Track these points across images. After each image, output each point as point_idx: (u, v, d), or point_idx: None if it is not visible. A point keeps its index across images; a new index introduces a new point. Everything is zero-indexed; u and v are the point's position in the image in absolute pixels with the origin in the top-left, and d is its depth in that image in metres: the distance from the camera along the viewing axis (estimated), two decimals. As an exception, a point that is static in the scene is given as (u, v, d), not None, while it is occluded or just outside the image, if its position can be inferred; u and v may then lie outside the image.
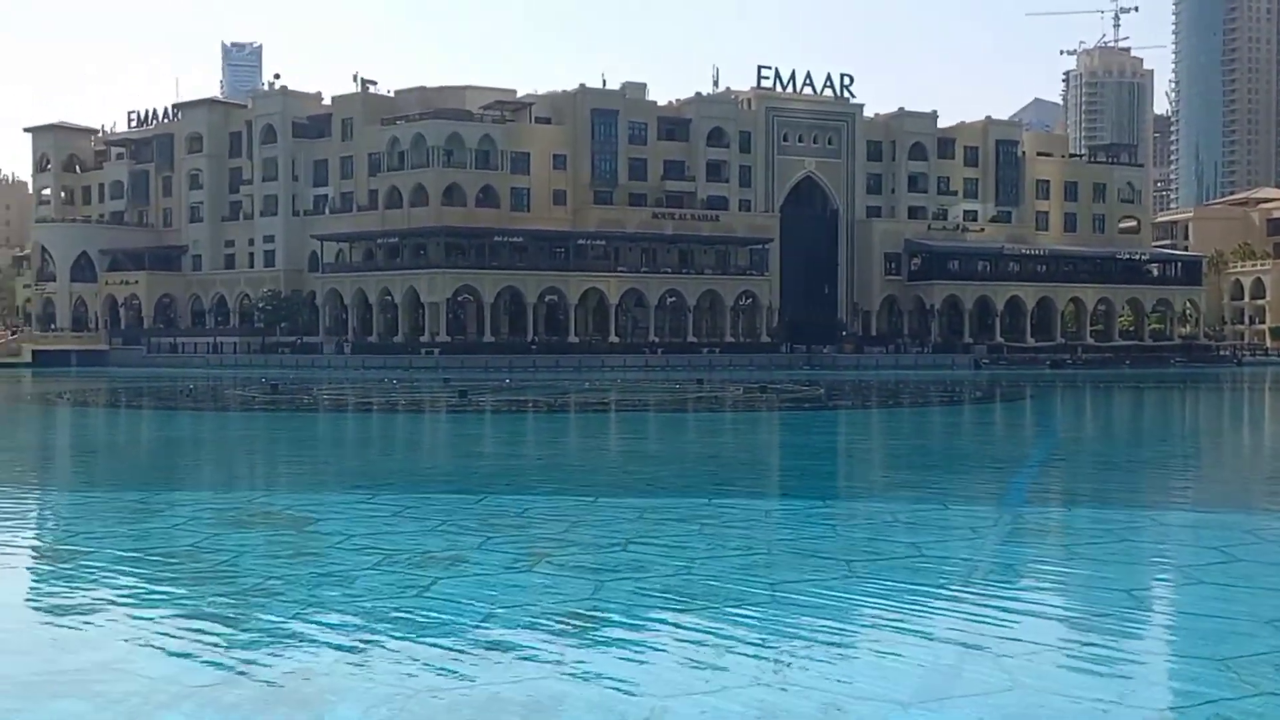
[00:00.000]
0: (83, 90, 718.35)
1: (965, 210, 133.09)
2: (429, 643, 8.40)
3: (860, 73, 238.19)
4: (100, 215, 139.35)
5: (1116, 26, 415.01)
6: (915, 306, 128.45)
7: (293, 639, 8.58)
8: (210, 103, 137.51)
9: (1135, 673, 7.83)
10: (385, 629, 8.78)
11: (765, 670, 7.73)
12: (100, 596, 10.12)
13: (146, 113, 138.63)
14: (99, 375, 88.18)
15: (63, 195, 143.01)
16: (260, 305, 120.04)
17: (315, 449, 28.70)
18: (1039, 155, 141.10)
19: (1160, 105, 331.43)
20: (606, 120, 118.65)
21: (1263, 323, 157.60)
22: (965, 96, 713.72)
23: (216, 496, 17.96)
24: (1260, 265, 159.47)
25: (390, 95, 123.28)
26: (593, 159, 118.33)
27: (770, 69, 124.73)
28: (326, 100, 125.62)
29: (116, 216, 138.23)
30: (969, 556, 12.08)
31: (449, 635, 8.61)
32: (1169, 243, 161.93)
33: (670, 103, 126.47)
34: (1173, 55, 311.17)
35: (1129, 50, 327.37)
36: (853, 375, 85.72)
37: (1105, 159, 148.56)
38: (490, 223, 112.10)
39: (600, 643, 8.46)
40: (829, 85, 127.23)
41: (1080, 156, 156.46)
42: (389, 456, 26.59)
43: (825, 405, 45.57)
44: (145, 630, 8.87)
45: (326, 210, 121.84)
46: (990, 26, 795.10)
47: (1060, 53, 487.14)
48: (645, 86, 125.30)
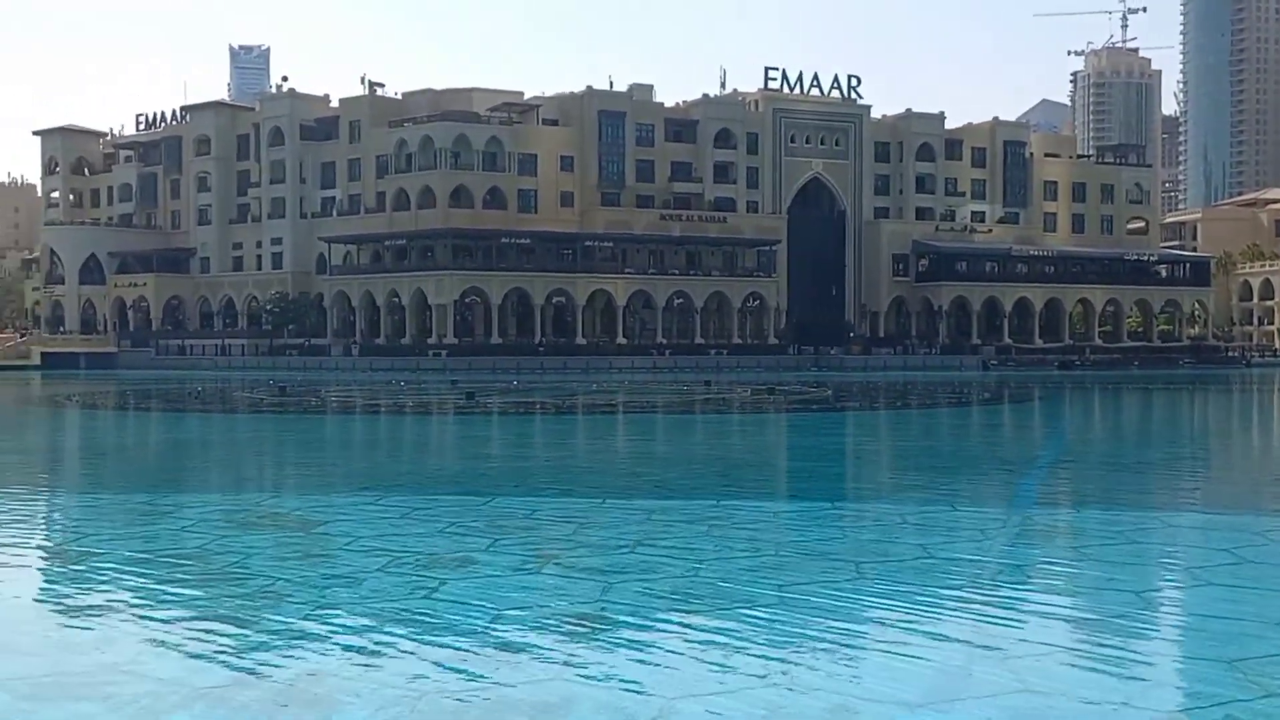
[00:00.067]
0: (90, 92, 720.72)
1: (973, 211, 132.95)
2: (438, 644, 8.41)
3: (867, 74, 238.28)
4: (109, 218, 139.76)
5: (1124, 27, 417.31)
6: (923, 308, 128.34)
7: (302, 640, 8.60)
8: (218, 105, 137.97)
9: (1144, 674, 7.82)
10: (394, 630, 8.79)
11: (773, 671, 7.73)
12: (110, 598, 10.14)
13: (155, 115, 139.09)
14: (107, 378, 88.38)
15: (71, 198, 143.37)
16: (268, 307, 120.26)
17: (323, 451, 28.73)
18: (1047, 156, 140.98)
19: (1168, 106, 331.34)
20: (614, 122, 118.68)
21: (1271, 324, 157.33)
22: (973, 97, 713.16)
23: (225, 498, 17.99)
24: (1269, 266, 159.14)
25: (397, 97, 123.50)
26: (600, 160, 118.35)
27: (777, 70, 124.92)
28: (334, 103, 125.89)
29: (125, 219, 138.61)
30: (978, 558, 12.07)
31: (458, 636, 8.62)
32: (1177, 244, 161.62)
33: (677, 104, 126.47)
34: (1181, 56, 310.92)
35: (1137, 51, 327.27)
36: (860, 377, 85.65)
37: (1113, 160, 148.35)
38: (498, 224, 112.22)
39: (609, 644, 8.47)
40: (836, 86, 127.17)
41: (1088, 157, 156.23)
42: (397, 458, 26.61)
43: (833, 407, 45.54)
44: (155, 631, 8.89)
45: (334, 212, 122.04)
46: (998, 27, 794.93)
47: (1068, 53, 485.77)
48: (652, 88, 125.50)
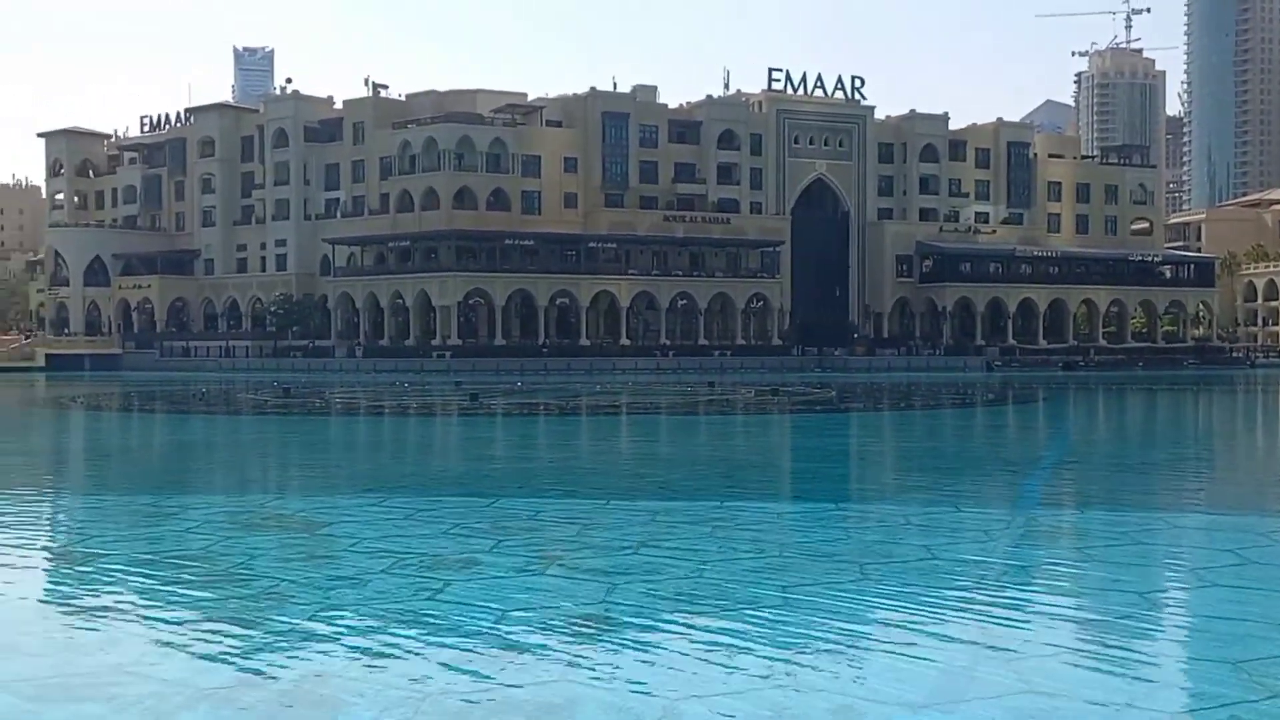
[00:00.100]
0: (93, 94, 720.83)
1: (977, 212, 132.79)
2: (443, 645, 8.43)
3: (871, 75, 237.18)
4: (113, 220, 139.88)
5: (1128, 28, 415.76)
6: (927, 309, 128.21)
7: (307, 641, 8.61)
8: (222, 107, 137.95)
9: (1149, 675, 7.82)
10: (399, 631, 8.80)
11: (778, 672, 7.73)
12: (115, 599, 10.17)
13: (159, 117, 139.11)
14: (112, 379, 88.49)
15: (76, 200, 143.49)
16: (272, 309, 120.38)
17: (327, 452, 28.77)
18: (1051, 157, 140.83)
19: (1172, 106, 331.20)
20: (617, 123, 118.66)
21: (1276, 324, 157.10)
22: (976, 98, 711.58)
23: (230, 500, 18.01)
24: (1273, 267, 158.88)
25: (401, 99, 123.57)
26: (603, 162, 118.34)
27: (781, 71, 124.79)
28: (338, 104, 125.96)
29: (129, 221, 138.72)
30: (982, 559, 12.06)
31: (462, 637, 8.64)
32: (1181, 244, 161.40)
33: (681, 105, 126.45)
34: (1185, 56, 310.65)
35: (1141, 51, 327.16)
36: (864, 378, 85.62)
37: (1117, 160, 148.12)
38: (501, 226, 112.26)
39: (613, 645, 8.48)
40: (840, 87, 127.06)
41: (1092, 158, 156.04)
42: (401, 460, 26.64)
43: (837, 408, 45.53)
44: (160, 632, 8.91)
45: (338, 214, 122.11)
46: (1001, 28, 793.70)
47: (1072, 54, 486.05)
48: (656, 89, 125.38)
